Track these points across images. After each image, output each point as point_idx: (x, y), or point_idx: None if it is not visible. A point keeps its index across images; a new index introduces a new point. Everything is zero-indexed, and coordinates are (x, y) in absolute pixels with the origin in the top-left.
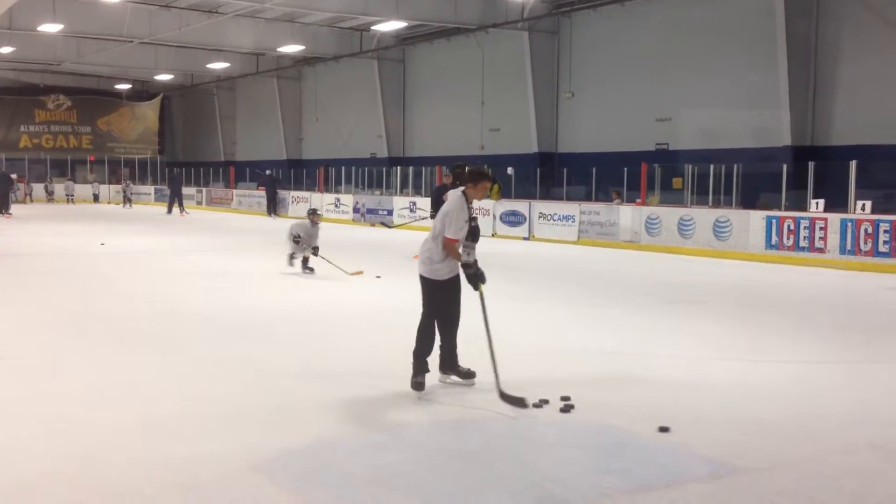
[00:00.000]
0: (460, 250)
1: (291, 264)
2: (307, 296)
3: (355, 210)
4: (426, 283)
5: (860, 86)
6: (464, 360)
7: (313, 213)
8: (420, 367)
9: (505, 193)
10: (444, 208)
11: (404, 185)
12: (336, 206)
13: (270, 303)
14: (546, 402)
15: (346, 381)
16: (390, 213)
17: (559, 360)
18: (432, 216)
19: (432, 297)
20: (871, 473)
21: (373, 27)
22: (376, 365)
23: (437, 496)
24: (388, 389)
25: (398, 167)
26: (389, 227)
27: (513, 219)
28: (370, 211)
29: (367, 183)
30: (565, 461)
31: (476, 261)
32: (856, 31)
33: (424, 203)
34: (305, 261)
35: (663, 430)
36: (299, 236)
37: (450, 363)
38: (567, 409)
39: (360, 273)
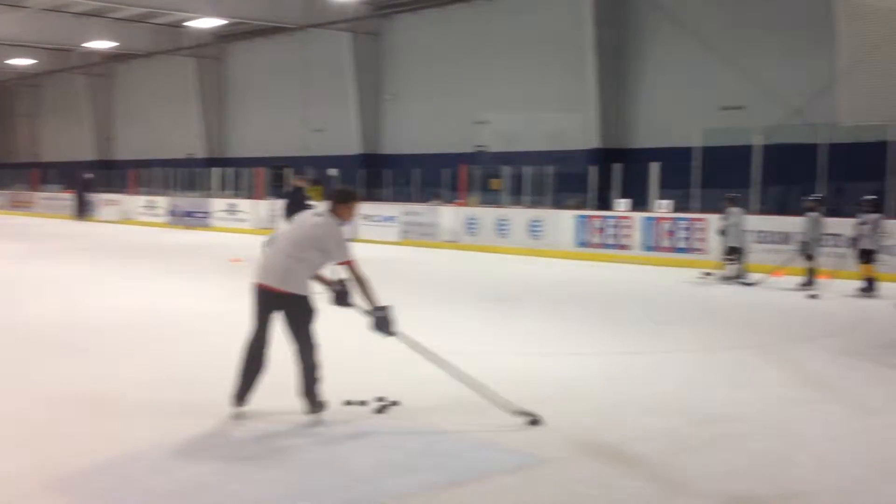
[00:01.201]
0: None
1: None
2: (114, 302)
3: (171, 213)
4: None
5: (662, 92)
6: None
7: None
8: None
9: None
10: (320, 235)
11: (226, 186)
12: (149, 208)
13: (69, 311)
14: (364, 403)
15: (151, 391)
16: (207, 215)
17: (377, 362)
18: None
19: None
20: (664, 457)
21: (189, 24)
22: (184, 373)
23: None
24: (196, 399)
25: (216, 168)
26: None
27: None
28: (186, 213)
29: (184, 184)
30: (378, 462)
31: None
32: (659, 41)
33: (245, 205)
34: None
35: (534, 422)
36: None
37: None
38: (382, 409)
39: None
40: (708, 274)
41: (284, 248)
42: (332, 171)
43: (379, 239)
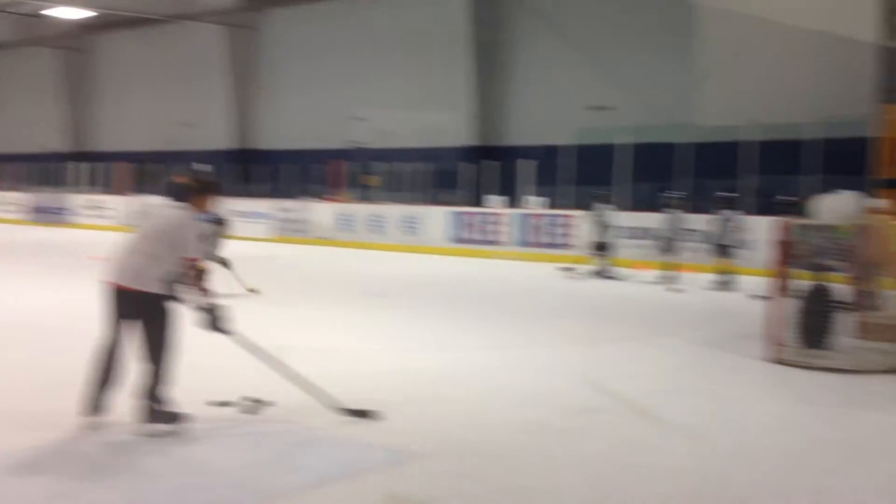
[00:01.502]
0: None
1: None
2: None
3: (28, 209)
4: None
5: (535, 91)
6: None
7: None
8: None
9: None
10: (173, 228)
11: (90, 182)
12: (1, 204)
13: None
14: (227, 403)
15: (4, 399)
16: (67, 211)
17: (248, 360)
18: None
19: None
20: (534, 447)
21: (53, 14)
22: (41, 380)
23: None
24: (51, 408)
25: (79, 163)
26: None
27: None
28: (44, 210)
29: (44, 180)
30: (245, 463)
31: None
32: (532, 41)
33: (110, 201)
34: None
35: (365, 415)
36: None
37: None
38: (250, 409)
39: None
40: (568, 269)
41: (136, 244)
42: (204, 167)
43: (252, 236)
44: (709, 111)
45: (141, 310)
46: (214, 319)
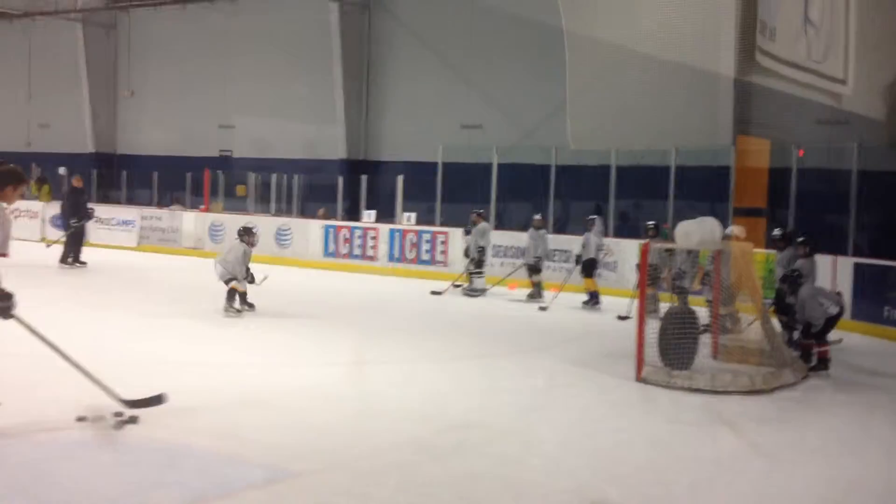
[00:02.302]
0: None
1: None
2: None
3: None
4: None
5: (407, 107)
6: None
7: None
8: None
9: (57, 195)
10: None
11: None
12: None
13: None
14: (100, 418)
15: None
16: None
17: (118, 373)
18: (72, 225)
19: None
20: (411, 465)
21: None
22: None
23: None
24: None
25: None
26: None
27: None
28: None
29: None
30: (117, 479)
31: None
32: (404, 57)
33: None
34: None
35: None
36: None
37: None
38: (121, 424)
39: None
40: (436, 293)
41: None
42: (62, 170)
43: (115, 244)
44: (577, 135)
45: None
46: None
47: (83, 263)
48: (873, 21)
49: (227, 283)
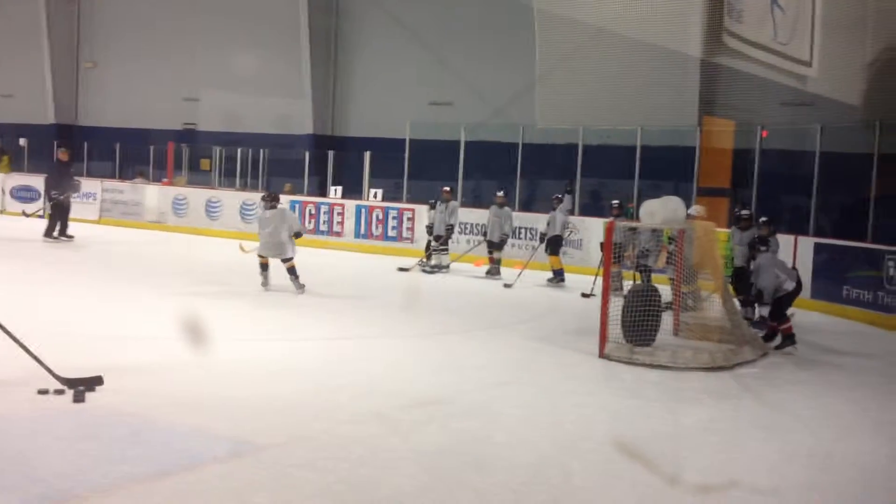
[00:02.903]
0: None
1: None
2: None
3: None
4: None
5: (375, 82)
6: None
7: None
8: None
9: (17, 166)
10: None
11: None
12: None
13: None
14: (61, 392)
15: None
16: None
17: (80, 347)
18: (53, 198)
19: None
20: (374, 439)
21: None
22: None
23: None
24: None
25: None
26: (27, 215)
27: (26, 194)
28: None
29: None
30: (77, 454)
31: None
32: (373, 32)
33: None
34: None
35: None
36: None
37: None
38: (80, 397)
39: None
40: (405, 268)
41: None
42: (22, 141)
43: (75, 216)
44: (545, 113)
45: None
46: None
47: (70, 237)
48: (838, 2)
49: (284, 261)
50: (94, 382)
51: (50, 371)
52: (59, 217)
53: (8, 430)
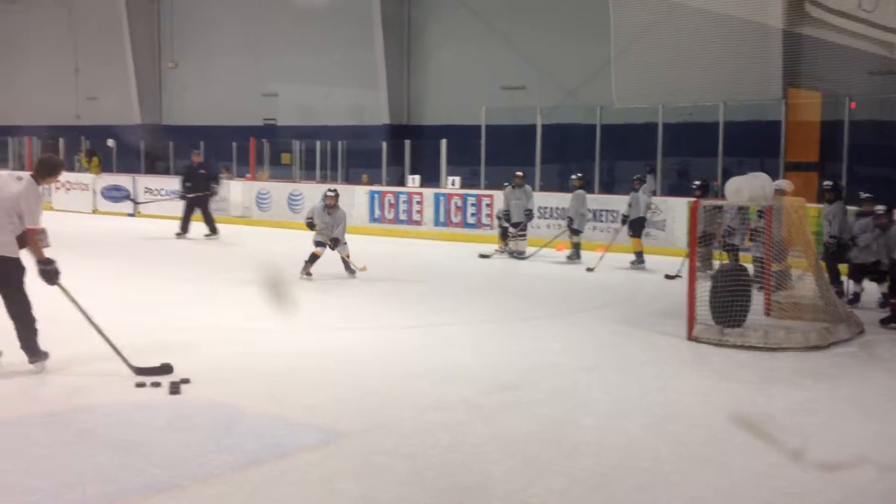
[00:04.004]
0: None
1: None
2: None
3: None
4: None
5: (448, 69)
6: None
7: (331, 196)
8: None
9: (106, 167)
10: (20, 199)
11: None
12: None
13: None
14: (158, 384)
15: None
16: None
17: (169, 339)
18: (183, 196)
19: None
20: (460, 425)
21: None
22: None
23: (27, 496)
24: None
25: None
26: (137, 202)
27: (115, 194)
28: None
29: None
30: (174, 444)
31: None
32: (444, 19)
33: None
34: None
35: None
36: (312, 220)
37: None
38: (176, 390)
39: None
40: (484, 256)
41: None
42: (110, 142)
43: (162, 213)
44: (622, 93)
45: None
46: (48, 273)
47: (215, 233)
48: None
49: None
50: (163, 371)
51: (123, 359)
52: (204, 216)
53: (109, 422)
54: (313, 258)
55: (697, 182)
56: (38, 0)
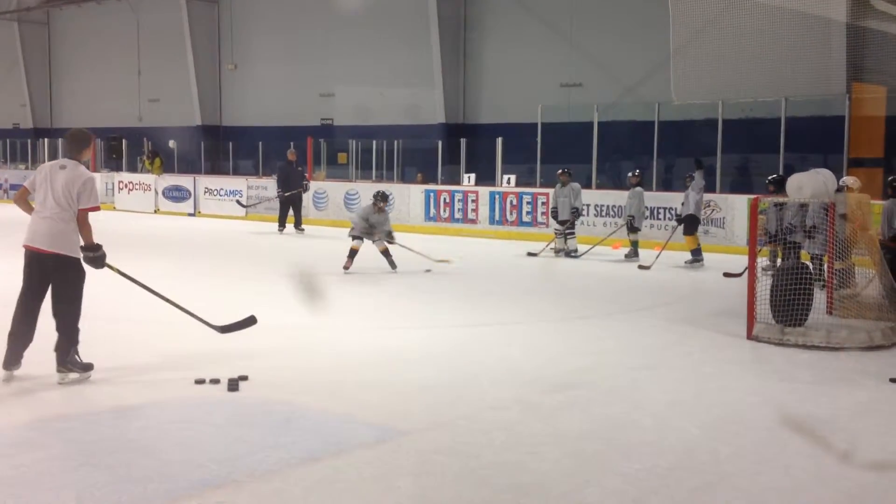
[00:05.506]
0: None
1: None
2: None
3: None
4: (61, 260)
5: (503, 68)
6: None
7: (381, 199)
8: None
9: (167, 168)
10: (74, 178)
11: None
12: None
13: None
14: (216, 381)
15: None
16: None
17: (226, 337)
18: (279, 196)
19: (69, 278)
20: (516, 424)
21: None
22: None
23: (91, 491)
24: (28, 381)
25: (45, 139)
26: (244, 206)
27: (177, 194)
28: (13, 187)
29: (10, 156)
30: (233, 440)
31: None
32: (500, 17)
33: None
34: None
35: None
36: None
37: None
38: (234, 387)
39: (447, 261)
40: (532, 254)
41: (49, 211)
42: (172, 143)
43: (223, 213)
44: (681, 89)
45: (56, 271)
46: (96, 259)
47: (301, 230)
48: None
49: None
50: (248, 323)
51: (203, 321)
52: (293, 212)
53: (169, 419)
54: (353, 253)
55: (772, 176)
56: (103, 6)
